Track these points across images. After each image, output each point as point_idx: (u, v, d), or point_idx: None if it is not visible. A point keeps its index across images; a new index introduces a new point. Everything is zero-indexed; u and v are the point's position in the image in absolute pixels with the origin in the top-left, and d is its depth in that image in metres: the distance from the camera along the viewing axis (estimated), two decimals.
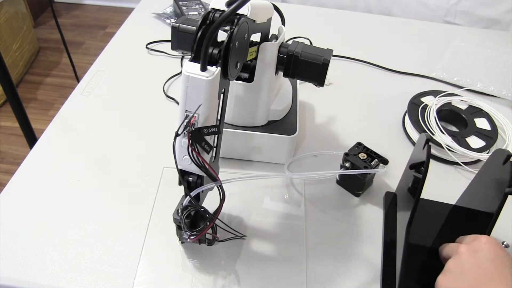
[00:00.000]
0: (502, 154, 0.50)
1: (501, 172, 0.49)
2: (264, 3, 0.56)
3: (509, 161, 0.49)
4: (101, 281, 0.54)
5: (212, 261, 0.57)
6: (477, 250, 0.45)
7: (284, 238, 0.61)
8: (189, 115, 0.45)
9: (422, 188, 0.51)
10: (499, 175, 0.50)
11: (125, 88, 0.86)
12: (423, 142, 0.54)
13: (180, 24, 0.57)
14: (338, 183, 0.68)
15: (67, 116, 0.78)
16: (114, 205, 0.63)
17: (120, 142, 0.74)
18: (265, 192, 0.67)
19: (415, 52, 1.03)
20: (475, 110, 0.81)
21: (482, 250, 0.45)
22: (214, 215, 0.49)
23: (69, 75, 2.08)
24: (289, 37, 0.95)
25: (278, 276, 0.56)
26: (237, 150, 0.70)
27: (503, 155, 0.50)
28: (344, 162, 0.65)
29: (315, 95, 0.85)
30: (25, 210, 0.61)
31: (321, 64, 0.60)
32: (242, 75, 0.63)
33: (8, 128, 1.83)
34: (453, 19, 1.30)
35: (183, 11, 1.05)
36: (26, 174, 0.67)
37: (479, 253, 0.45)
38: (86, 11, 2.72)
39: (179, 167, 0.48)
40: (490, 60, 0.99)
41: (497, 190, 0.50)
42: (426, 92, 0.84)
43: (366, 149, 0.66)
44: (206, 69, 0.43)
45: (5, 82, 1.08)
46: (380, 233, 0.62)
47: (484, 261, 0.44)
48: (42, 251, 0.56)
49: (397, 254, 0.56)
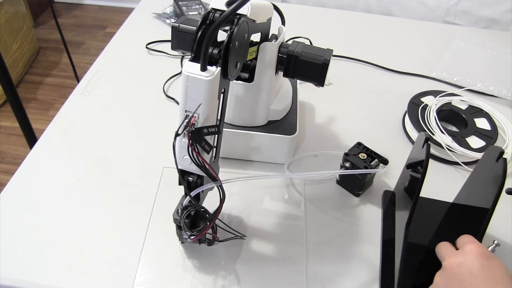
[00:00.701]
0: (495, 151, 0.51)
1: (495, 169, 0.50)
2: (264, 3, 0.56)
3: (502, 158, 0.49)
4: (101, 281, 0.54)
5: (212, 261, 0.57)
6: (461, 264, 0.45)
7: (284, 238, 0.61)
8: (189, 115, 0.45)
9: (421, 186, 0.51)
10: (493, 172, 0.50)
11: (125, 88, 0.86)
12: (422, 141, 0.54)
13: (180, 24, 0.57)
14: (338, 183, 0.68)
15: (67, 116, 0.78)
16: (114, 205, 0.63)
17: (120, 142, 0.74)
18: (265, 192, 0.67)
19: (415, 52, 1.03)
20: (475, 110, 0.81)
21: (464, 263, 0.45)
22: (214, 215, 0.49)
23: (69, 75, 2.07)
24: (289, 37, 0.95)
25: (278, 276, 0.56)
26: (237, 150, 0.70)
27: (496, 152, 0.51)
28: (344, 162, 0.65)
29: (315, 95, 0.85)
30: (25, 210, 0.61)
31: (321, 64, 0.60)
32: (242, 75, 0.63)
33: (8, 128, 1.83)
34: (453, 19, 1.30)
35: (183, 11, 1.05)
36: (26, 174, 0.67)
37: (462, 267, 0.45)
38: (86, 11, 2.72)
39: (179, 167, 0.48)
40: (490, 60, 0.99)
41: (492, 186, 0.50)
42: (426, 92, 0.84)
43: (366, 149, 0.66)
44: (206, 69, 0.43)
45: (5, 82, 1.07)
46: (380, 233, 0.62)
47: (466, 277, 0.44)
48: (42, 251, 0.56)
49: (396, 253, 0.56)
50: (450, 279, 0.46)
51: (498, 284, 0.43)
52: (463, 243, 0.47)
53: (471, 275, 0.44)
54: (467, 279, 0.44)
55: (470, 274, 0.44)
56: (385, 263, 0.58)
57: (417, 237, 0.57)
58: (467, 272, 0.44)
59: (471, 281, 0.43)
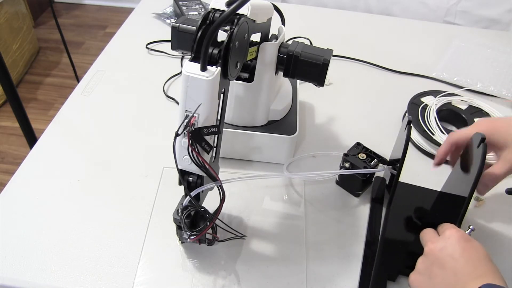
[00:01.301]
0: (478, 137, 0.52)
1: (476, 156, 0.51)
2: (264, 3, 0.56)
3: (483, 144, 0.50)
4: (101, 281, 0.54)
5: (212, 261, 0.57)
6: (442, 249, 0.46)
7: (284, 238, 0.61)
8: (189, 115, 0.45)
9: (402, 165, 0.52)
10: (475, 159, 0.51)
11: (125, 88, 0.86)
12: (405, 124, 0.55)
13: (180, 24, 0.57)
14: (337, 184, 0.68)
15: (67, 116, 0.78)
16: (114, 205, 0.63)
17: (120, 142, 0.74)
18: (265, 192, 0.67)
19: (415, 52, 1.03)
20: (475, 110, 0.80)
21: (446, 248, 0.46)
22: (214, 215, 0.49)
23: (69, 75, 2.07)
24: (289, 37, 0.95)
25: (278, 276, 0.56)
26: (237, 150, 0.70)
27: (478, 138, 0.51)
28: (344, 163, 0.65)
29: (315, 95, 0.85)
30: (25, 210, 0.61)
31: (321, 64, 0.60)
32: (242, 75, 0.63)
33: (8, 128, 1.83)
34: (453, 19, 1.30)
35: (183, 11, 1.05)
36: (26, 174, 0.67)
37: (443, 251, 0.46)
38: (86, 11, 2.72)
39: (179, 167, 0.48)
40: (490, 60, 0.99)
41: (471, 173, 0.51)
42: (426, 92, 0.84)
43: (365, 149, 0.66)
44: (206, 69, 0.43)
45: (5, 82, 1.08)
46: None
47: (448, 260, 0.45)
48: (42, 251, 0.56)
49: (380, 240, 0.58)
50: (432, 264, 0.46)
51: (479, 265, 0.43)
52: (444, 230, 0.48)
53: (452, 258, 0.44)
54: (449, 262, 0.44)
55: (452, 258, 0.44)
56: (368, 245, 0.59)
57: (399, 224, 0.60)
58: (448, 256, 0.45)
59: (453, 264, 0.44)
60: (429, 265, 0.47)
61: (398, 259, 0.58)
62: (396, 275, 0.56)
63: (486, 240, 0.60)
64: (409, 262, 0.50)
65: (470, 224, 0.50)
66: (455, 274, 0.43)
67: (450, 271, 0.44)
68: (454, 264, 0.44)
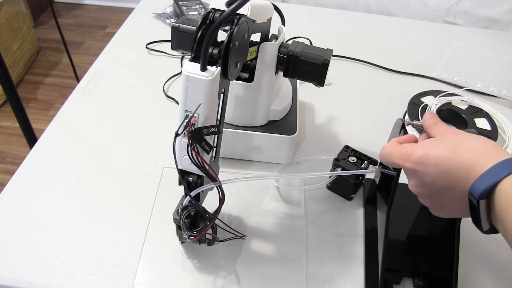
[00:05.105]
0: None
1: None
2: (264, 3, 0.56)
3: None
4: (101, 281, 0.54)
5: (212, 261, 0.57)
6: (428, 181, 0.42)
7: (284, 238, 0.61)
8: (189, 115, 0.45)
9: (400, 172, 0.52)
10: None
11: (125, 88, 0.86)
12: (399, 128, 0.55)
13: (180, 24, 0.57)
14: (329, 189, 0.67)
15: (67, 116, 0.78)
16: (114, 205, 0.63)
17: (120, 142, 0.74)
18: (265, 192, 0.67)
19: (415, 52, 1.03)
20: (475, 110, 0.81)
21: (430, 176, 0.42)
22: (214, 215, 0.49)
23: (69, 75, 2.08)
24: (289, 37, 0.95)
25: (278, 276, 0.56)
26: (237, 150, 0.70)
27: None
28: (336, 168, 0.64)
29: (315, 95, 0.85)
30: (25, 210, 0.61)
31: (321, 64, 0.60)
32: (242, 75, 0.63)
33: (8, 128, 1.83)
34: (453, 19, 1.30)
35: (183, 11, 1.05)
36: (26, 174, 0.67)
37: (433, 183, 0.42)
38: (86, 11, 2.72)
39: (179, 167, 0.48)
40: (490, 60, 0.99)
41: None
42: (426, 92, 0.84)
43: (354, 152, 0.65)
44: (206, 69, 0.44)
45: (5, 82, 1.08)
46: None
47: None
48: (42, 251, 0.56)
49: (379, 237, 0.58)
50: (425, 179, 0.42)
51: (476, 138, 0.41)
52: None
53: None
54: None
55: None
56: (368, 247, 0.59)
57: (400, 225, 0.59)
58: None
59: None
60: (420, 178, 0.43)
61: (402, 261, 0.57)
62: (401, 278, 0.55)
63: (485, 237, 0.60)
64: (412, 266, 0.50)
65: None
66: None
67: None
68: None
